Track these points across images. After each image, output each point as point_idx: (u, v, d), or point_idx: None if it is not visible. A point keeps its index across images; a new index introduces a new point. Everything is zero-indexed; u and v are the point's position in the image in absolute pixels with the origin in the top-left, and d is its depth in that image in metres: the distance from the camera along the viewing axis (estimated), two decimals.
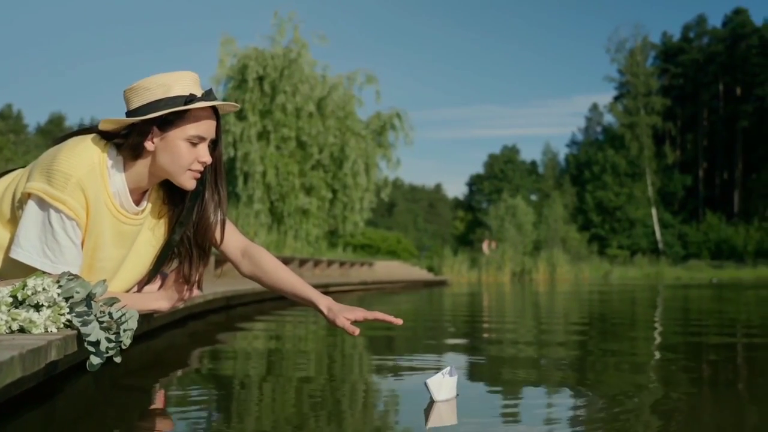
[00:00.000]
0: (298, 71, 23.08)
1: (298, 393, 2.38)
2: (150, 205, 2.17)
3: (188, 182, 2.08)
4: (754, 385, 2.48)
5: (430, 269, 25.52)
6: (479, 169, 64.44)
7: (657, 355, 3.51)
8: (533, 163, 63.57)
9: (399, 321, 2.19)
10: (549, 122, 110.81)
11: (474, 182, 62.31)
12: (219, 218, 2.22)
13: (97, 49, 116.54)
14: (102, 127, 2.03)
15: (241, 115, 22.79)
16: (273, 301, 7.39)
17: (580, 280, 26.80)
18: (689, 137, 62.32)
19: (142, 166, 2.05)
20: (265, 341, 4.17)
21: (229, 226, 2.31)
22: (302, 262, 14.97)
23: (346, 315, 2.16)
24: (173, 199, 2.20)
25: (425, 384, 2.07)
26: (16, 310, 1.56)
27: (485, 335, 4.36)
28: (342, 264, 18.11)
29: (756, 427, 1.89)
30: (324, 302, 2.21)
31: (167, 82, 2.01)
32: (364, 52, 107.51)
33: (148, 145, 2.01)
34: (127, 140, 2.02)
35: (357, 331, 2.14)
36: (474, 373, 2.88)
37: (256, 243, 2.45)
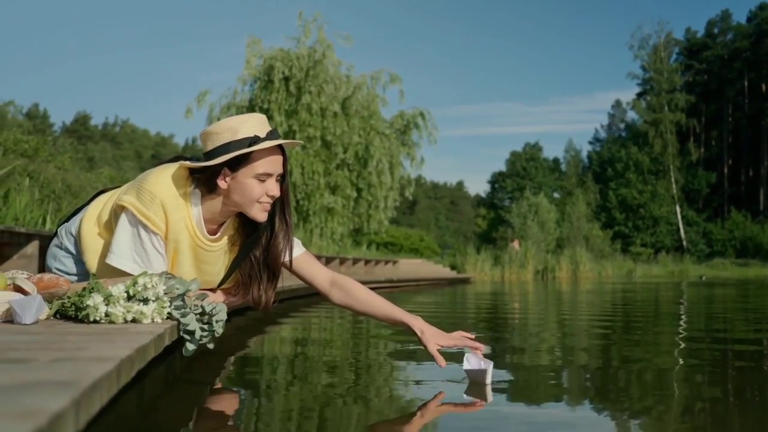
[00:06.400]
0: (323, 71, 23.36)
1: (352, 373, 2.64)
2: (227, 235, 2.43)
3: (259, 215, 2.31)
4: None
5: (453, 267, 25.67)
6: (501, 167, 64.54)
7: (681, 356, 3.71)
8: (556, 161, 63.48)
9: (481, 347, 2.37)
10: (571, 119, 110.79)
11: (496, 180, 62.35)
12: (288, 244, 2.45)
13: (120, 45, 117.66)
14: (182, 165, 2.30)
15: (267, 116, 23.07)
16: (305, 297, 7.68)
17: (603, 278, 26.85)
18: (714, 134, 61.95)
19: (216, 201, 2.31)
20: (294, 332, 4.46)
21: (314, 261, 2.55)
22: (328, 261, 15.22)
23: (438, 341, 2.36)
24: (246, 229, 2.44)
25: (471, 372, 2.31)
26: (129, 303, 1.85)
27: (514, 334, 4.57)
28: (367, 262, 18.35)
29: None
30: (417, 324, 2.40)
31: (234, 125, 2.25)
32: (387, 52, 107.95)
33: (221, 183, 2.26)
34: (203, 178, 2.28)
35: (444, 363, 2.33)
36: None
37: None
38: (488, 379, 2.29)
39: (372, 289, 2.56)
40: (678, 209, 54.78)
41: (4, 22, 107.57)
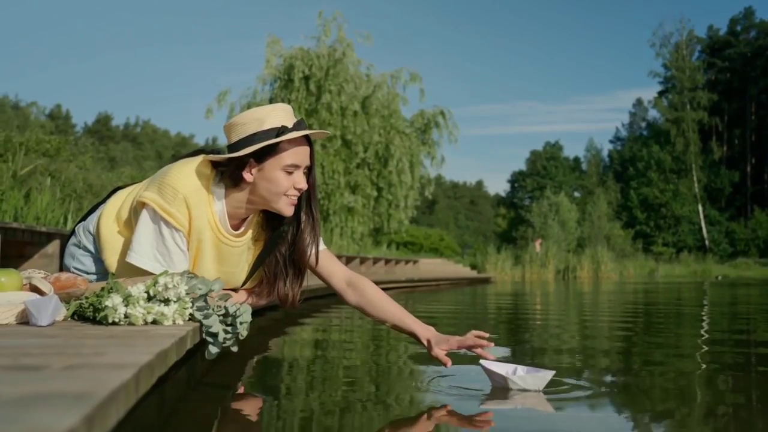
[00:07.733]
0: (343, 70, 23.28)
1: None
2: (250, 231, 2.34)
3: (286, 208, 2.22)
4: None
5: (474, 267, 25.54)
6: (521, 166, 64.24)
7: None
8: (576, 160, 63.06)
9: (487, 346, 2.28)
10: (592, 118, 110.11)
11: (516, 179, 62.04)
12: (314, 239, 2.36)
13: (139, 44, 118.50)
14: (205, 158, 2.22)
15: None
16: (324, 298, 7.61)
17: (625, 277, 26.61)
18: (736, 132, 61.26)
19: (241, 195, 2.21)
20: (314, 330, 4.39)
21: (333, 259, 2.46)
22: (348, 260, 15.12)
23: (441, 347, 2.29)
24: (272, 225, 2.35)
25: (493, 373, 2.21)
26: (149, 304, 1.77)
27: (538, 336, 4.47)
28: (387, 262, 18.24)
29: None
30: (424, 334, 2.33)
31: (260, 116, 2.16)
32: (407, 51, 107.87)
33: (247, 176, 2.17)
34: (228, 170, 2.19)
35: (449, 363, 2.27)
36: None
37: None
38: (541, 386, 2.19)
39: (392, 288, 2.49)
40: (700, 208, 54.23)
41: (28, 19, 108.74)
